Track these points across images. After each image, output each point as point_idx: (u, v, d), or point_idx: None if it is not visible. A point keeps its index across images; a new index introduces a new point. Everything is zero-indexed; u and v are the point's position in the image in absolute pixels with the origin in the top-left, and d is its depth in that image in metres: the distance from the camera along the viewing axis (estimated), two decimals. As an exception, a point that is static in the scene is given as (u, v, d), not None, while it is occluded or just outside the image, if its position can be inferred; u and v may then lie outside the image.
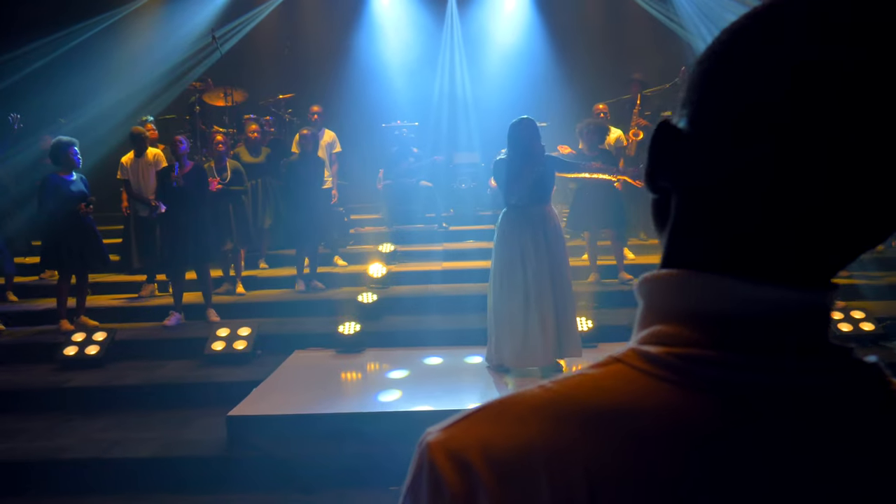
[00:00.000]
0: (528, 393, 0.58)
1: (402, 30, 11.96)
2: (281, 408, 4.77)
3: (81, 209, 6.79)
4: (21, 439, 4.91)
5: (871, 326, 6.16)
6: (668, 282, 0.60)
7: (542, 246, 5.26)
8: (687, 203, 0.61)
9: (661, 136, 0.61)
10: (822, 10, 0.54)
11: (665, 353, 0.57)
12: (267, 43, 11.62)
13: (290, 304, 7.63)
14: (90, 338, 6.27)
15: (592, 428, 0.54)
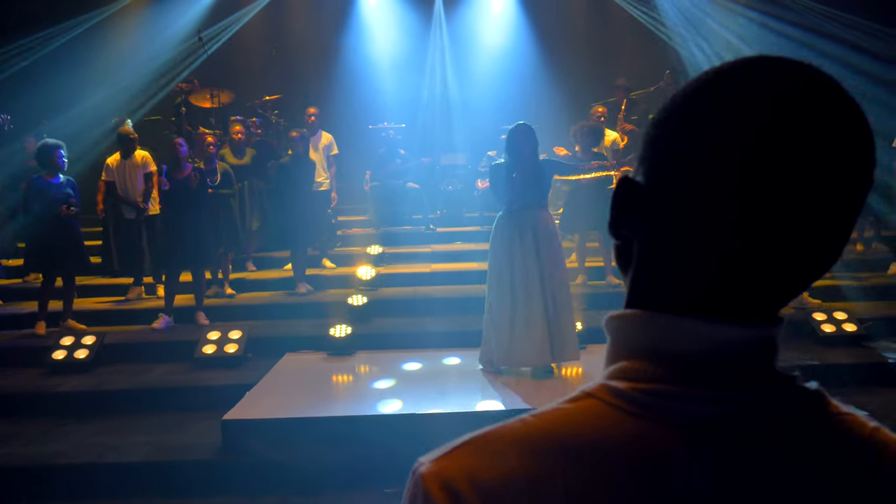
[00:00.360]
0: (508, 427, 0.64)
1: (389, 31, 11.98)
2: (275, 411, 4.79)
3: (63, 211, 6.75)
4: (15, 444, 4.89)
5: (854, 327, 6.28)
6: (632, 321, 0.67)
7: (532, 249, 5.32)
8: (646, 250, 0.68)
9: (622, 191, 0.68)
10: (763, 81, 0.63)
11: (631, 388, 0.63)
12: (254, 44, 11.60)
13: (280, 307, 7.63)
14: (79, 342, 6.24)
15: (568, 459, 0.61)
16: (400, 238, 9.98)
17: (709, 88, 0.65)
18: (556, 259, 5.42)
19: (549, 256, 5.36)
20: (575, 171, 6.02)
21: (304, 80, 11.20)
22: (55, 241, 6.79)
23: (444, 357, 6.08)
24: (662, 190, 0.66)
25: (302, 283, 8.05)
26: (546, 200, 5.63)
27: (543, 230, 5.37)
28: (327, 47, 11.81)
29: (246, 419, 4.66)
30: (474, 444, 0.64)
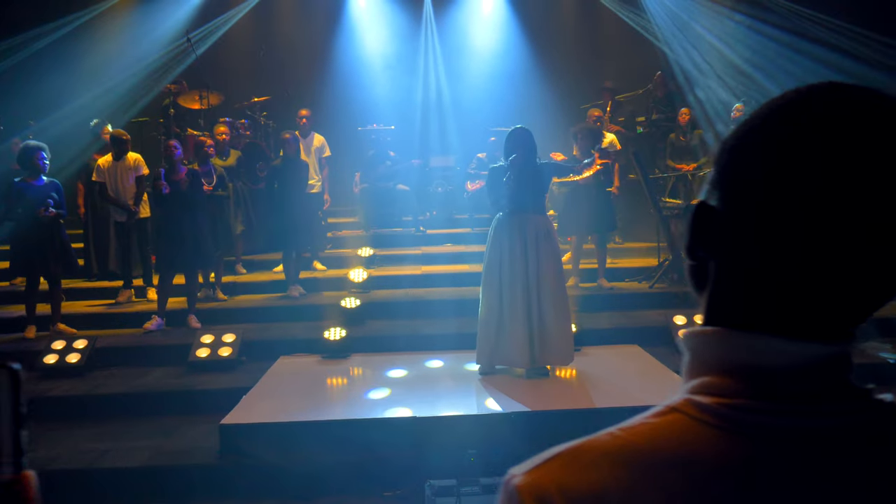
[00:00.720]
0: (597, 440, 0.67)
1: (379, 32, 11.97)
2: (274, 415, 4.77)
3: (40, 214, 6.67)
4: (7, 450, 4.83)
5: (847, 329, 6.34)
6: (711, 338, 0.70)
7: (523, 252, 5.35)
8: (723, 270, 0.72)
9: (698, 215, 0.72)
10: (839, 108, 0.66)
11: (716, 403, 0.67)
12: (242, 45, 11.55)
13: (272, 310, 7.62)
14: (71, 345, 6.19)
15: (658, 472, 0.64)
16: (390, 240, 9.98)
17: (785, 115, 0.68)
18: (550, 263, 5.43)
19: (543, 260, 5.37)
20: (571, 171, 6.03)
21: (292, 82, 11.15)
22: (38, 245, 6.72)
23: (439, 359, 6.09)
24: (739, 213, 0.69)
25: (294, 286, 8.02)
26: (543, 204, 5.66)
27: (539, 234, 5.40)
28: (316, 48, 11.79)
29: (244, 423, 4.65)
30: (565, 456, 0.66)
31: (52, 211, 6.65)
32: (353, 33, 11.93)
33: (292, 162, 8.12)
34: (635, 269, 8.52)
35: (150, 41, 10.57)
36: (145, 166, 8.03)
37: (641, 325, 6.91)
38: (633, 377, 5.55)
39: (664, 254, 8.30)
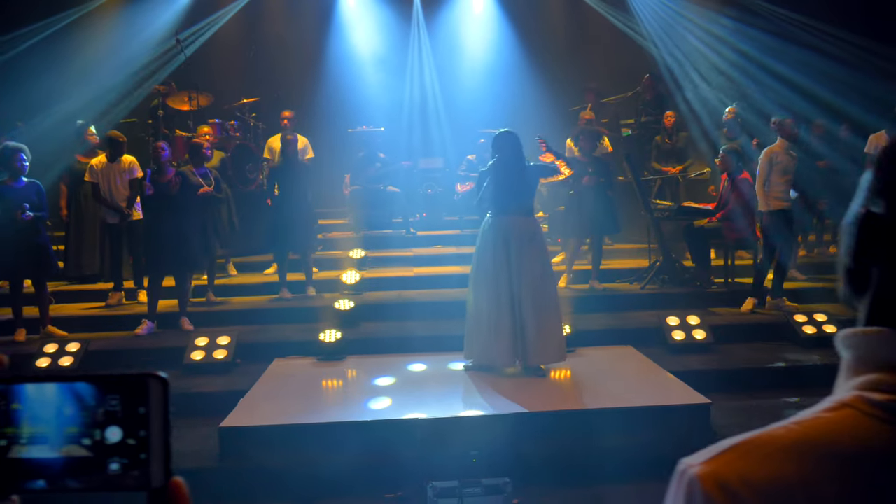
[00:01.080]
0: (773, 433, 0.70)
1: (369, 33, 11.98)
2: (273, 418, 4.77)
3: (17, 216, 6.60)
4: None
5: (834, 329, 6.43)
6: (879, 338, 0.73)
7: (507, 255, 5.43)
8: (889, 275, 0.74)
9: (865, 222, 0.76)
10: None
11: (888, 399, 0.69)
12: (231, 46, 11.51)
13: (264, 312, 7.59)
14: (63, 349, 6.14)
15: (834, 465, 0.67)
16: (381, 242, 9.98)
17: None
18: (536, 265, 5.47)
19: (528, 262, 5.43)
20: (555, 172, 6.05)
21: (282, 83, 11.14)
22: (16, 248, 6.63)
23: (434, 361, 6.10)
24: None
25: (284, 288, 8.01)
26: (530, 206, 5.70)
27: (523, 236, 5.46)
28: (306, 49, 11.79)
29: (243, 426, 4.64)
30: (742, 448, 0.69)
31: (28, 214, 6.55)
32: (342, 34, 11.94)
33: (292, 163, 8.09)
34: (627, 271, 8.58)
35: (139, 42, 10.53)
36: (140, 169, 7.99)
37: (634, 327, 6.96)
38: (629, 378, 5.59)
39: (654, 255, 8.36)
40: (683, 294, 7.70)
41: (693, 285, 7.91)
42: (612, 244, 9.73)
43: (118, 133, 8.11)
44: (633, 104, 10.90)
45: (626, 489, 4.37)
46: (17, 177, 6.70)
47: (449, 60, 12.03)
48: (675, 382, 5.31)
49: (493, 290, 5.42)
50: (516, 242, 5.42)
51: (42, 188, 6.88)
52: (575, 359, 6.15)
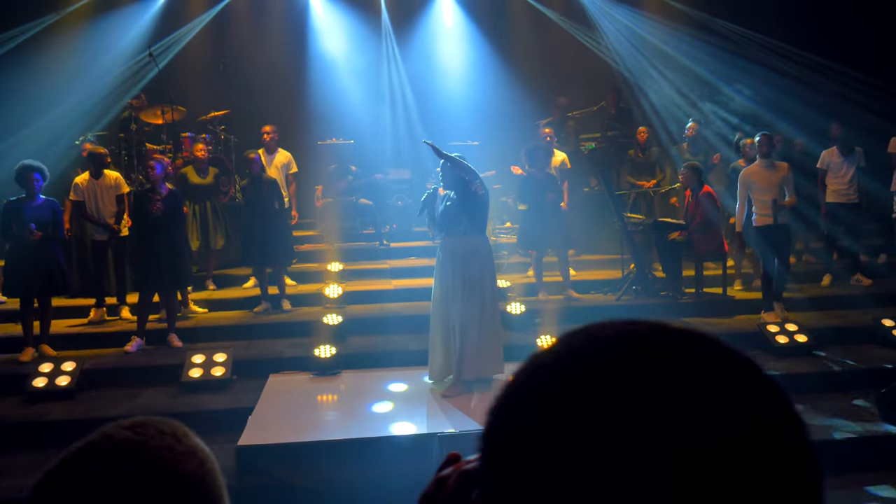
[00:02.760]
0: None
1: (339, 46, 12.04)
2: (288, 435, 4.89)
3: (26, 236, 6.56)
4: (11, 477, 4.81)
5: (805, 338, 6.83)
6: None
7: (450, 273, 5.76)
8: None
9: None
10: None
11: None
12: (200, 58, 11.46)
13: (250, 327, 7.63)
14: (59, 368, 6.13)
15: None
16: (354, 254, 10.08)
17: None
18: (475, 282, 5.72)
19: (470, 280, 5.70)
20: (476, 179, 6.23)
21: (251, 95, 11.15)
22: (29, 265, 6.63)
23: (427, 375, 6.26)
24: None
25: (265, 301, 8.09)
26: (475, 226, 5.82)
27: (466, 255, 5.74)
28: (275, 62, 11.81)
29: (260, 444, 4.75)
30: None
31: (36, 233, 6.53)
32: (312, 46, 11.99)
33: (258, 180, 8.18)
34: (600, 282, 8.88)
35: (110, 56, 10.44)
36: (125, 184, 7.97)
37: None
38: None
39: (626, 266, 8.70)
40: (657, 305, 8.04)
41: (665, 296, 8.26)
42: (580, 255, 10.05)
43: (100, 148, 8.08)
44: (598, 118, 11.27)
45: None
46: (33, 196, 6.67)
47: (420, 72, 12.18)
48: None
49: (441, 307, 5.81)
50: (461, 261, 5.72)
51: (58, 206, 6.90)
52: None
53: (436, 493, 0.65)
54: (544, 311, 7.77)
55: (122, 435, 0.86)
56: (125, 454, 0.83)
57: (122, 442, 0.85)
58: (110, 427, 0.88)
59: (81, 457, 0.84)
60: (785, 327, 6.95)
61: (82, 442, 0.86)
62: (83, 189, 7.70)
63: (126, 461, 0.82)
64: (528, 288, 8.51)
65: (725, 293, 8.33)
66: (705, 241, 8.14)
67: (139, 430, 0.86)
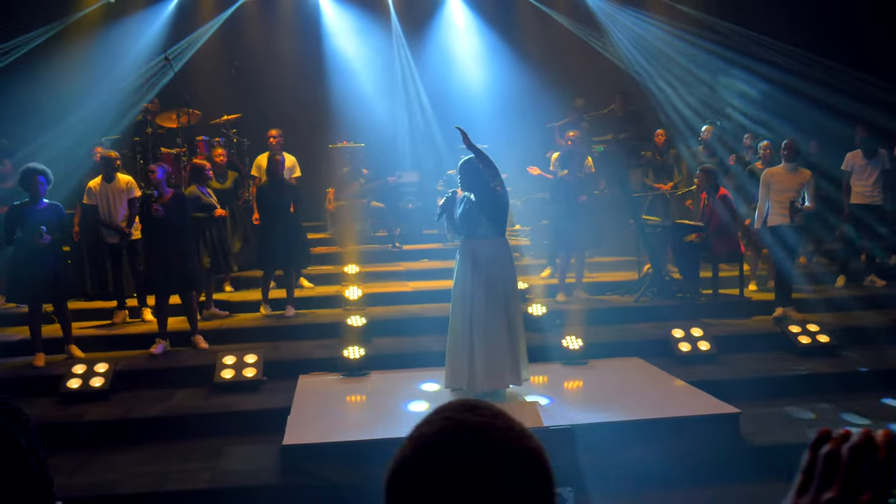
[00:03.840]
0: None
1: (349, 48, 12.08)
2: (331, 435, 4.93)
3: (35, 240, 6.52)
4: (58, 476, 4.83)
5: (827, 339, 6.92)
6: None
7: (470, 278, 5.57)
8: None
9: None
10: None
11: None
12: (213, 62, 11.48)
13: (273, 329, 7.65)
14: (92, 369, 6.15)
15: None
16: (367, 256, 10.09)
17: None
18: (497, 285, 5.55)
19: (492, 283, 5.53)
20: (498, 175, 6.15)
21: (263, 99, 11.18)
22: (33, 270, 6.59)
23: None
24: None
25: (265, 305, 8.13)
26: (496, 227, 5.69)
27: (488, 258, 5.58)
28: (286, 64, 11.85)
29: (305, 444, 4.79)
30: None
31: (46, 237, 6.48)
32: (322, 50, 12.02)
33: (278, 183, 8.20)
34: (614, 284, 8.95)
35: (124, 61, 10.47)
36: (137, 188, 8.01)
37: (635, 339, 7.28)
38: (652, 389, 5.93)
39: (647, 268, 8.80)
40: (675, 306, 8.10)
41: (682, 297, 8.33)
42: (592, 257, 10.12)
43: (112, 152, 8.10)
44: (608, 121, 11.36)
45: (671, 496, 4.69)
46: (37, 199, 6.66)
47: (431, 75, 12.23)
48: (697, 393, 5.68)
49: (458, 313, 5.62)
50: (483, 264, 5.56)
51: (62, 210, 6.86)
52: (591, 371, 6.50)
53: None
54: (566, 313, 7.83)
55: (469, 419, 0.92)
56: (483, 436, 0.90)
57: (474, 425, 0.91)
58: (449, 412, 0.94)
59: (442, 442, 0.90)
60: (806, 328, 7.04)
61: (429, 429, 0.93)
62: (96, 193, 7.72)
63: (487, 442, 0.90)
64: (544, 289, 8.59)
65: (742, 294, 8.43)
66: (722, 242, 8.24)
67: (479, 413, 0.92)
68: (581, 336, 6.90)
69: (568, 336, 6.90)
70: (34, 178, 6.63)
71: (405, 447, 0.93)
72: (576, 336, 6.89)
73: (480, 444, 0.89)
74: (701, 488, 4.74)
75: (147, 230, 7.13)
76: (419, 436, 0.92)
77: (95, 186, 7.77)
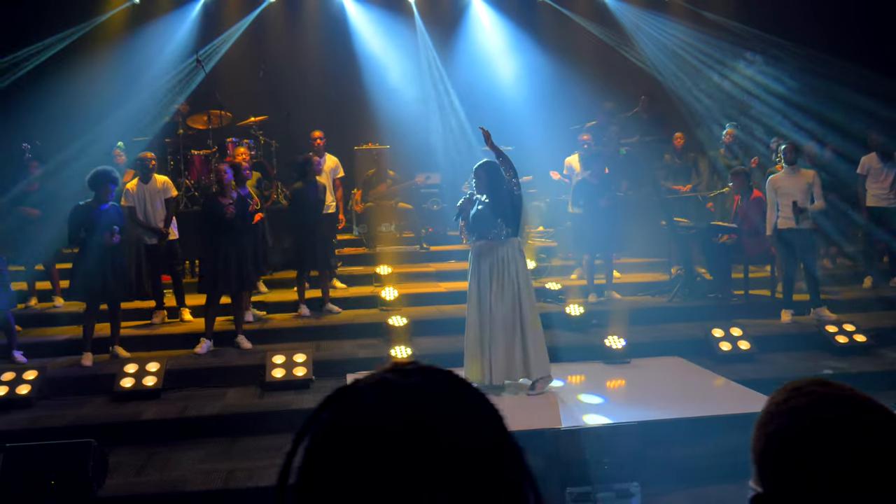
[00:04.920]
0: None
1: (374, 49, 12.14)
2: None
3: (106, 240, 6.67)
4: (125, 473, 4.90)
5: (864, 338, 7.01)
6: None
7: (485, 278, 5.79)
8: None
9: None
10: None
11: None
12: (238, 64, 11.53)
13: (313, 329, 7.69)
14: (144, 368, 6.22)
15: None
16: (396, 258, 10.15)
17: None
18: (509, 286, 5.77)
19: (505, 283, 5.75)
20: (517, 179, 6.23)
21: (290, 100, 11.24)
22: (102, 271, 6.69)
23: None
24: None
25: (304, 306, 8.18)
26: (510, 230, 5.89)
27: (500, 259, 5.79)
28: (313, 66, 11.90)
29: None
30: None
31: (117, 237, 6.63)
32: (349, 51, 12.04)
33: (314, 184, 8.26)
34: (644, 284, 9.03)
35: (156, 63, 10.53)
36: (174, 188, 8.07)
37: (672, 339, 7.35)
38: (702, 387, 6.02)
39: (675, 269, 8.89)
40: (708, 306, 8.18)
41: (715, 298, 8.41)
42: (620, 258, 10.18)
43: (148, 153, 8.15)
44: (632, 123, 11.43)
45: (727, 490, 4.77)
46: (104, 201, 6.75)
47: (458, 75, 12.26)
48: (745, 391, 5.77)
49: (474, 312, 5.87)
50: (496, 265, 5.77)
51: (122, 211, 6.96)
52: (635, 370, 6.58)
53: None
54: (602, 314, 7.91)
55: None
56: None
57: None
58: None
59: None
60: (843, 327, 7.13)
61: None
62: (133, 194, 7.78)
63: None
64: (573, 290, 8.67)
65: (773, 295, 8.51)
66: (754, 244, 8.33)
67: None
68: (624, 335, 6.99)
69: (610, 336, 6.98)
70: (108, 181, 6.72)
71: None
72: (617, 336, 6.97)
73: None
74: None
75: (208, 230, 7.18)
76: None
77: (133, 188, 7.83)
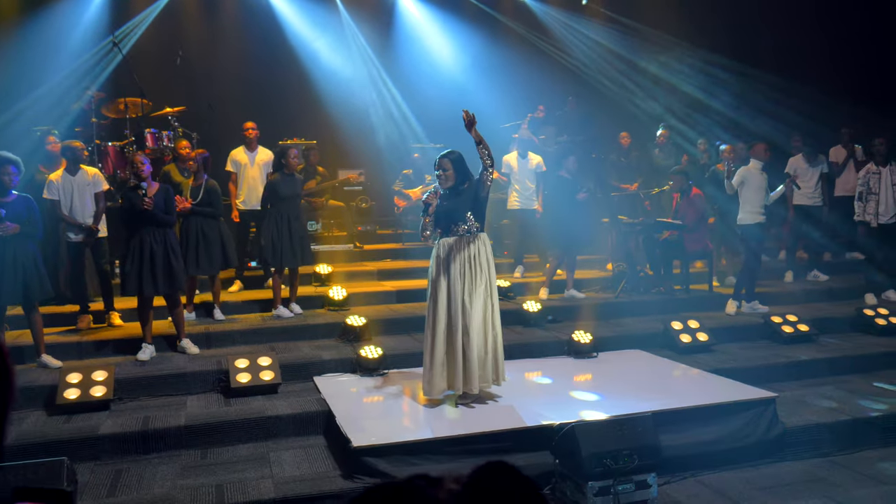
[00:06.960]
0: None
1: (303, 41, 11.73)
2: (393, 435, 4.73)
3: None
4: (97, 494, 4.39)
5: (807, 328, 7.37)
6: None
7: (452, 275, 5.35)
8: None
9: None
10: None
11: None
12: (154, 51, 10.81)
13: (262, 331, 7.22)
14: (89, 378, 5.61)
15: None
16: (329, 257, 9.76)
17: None
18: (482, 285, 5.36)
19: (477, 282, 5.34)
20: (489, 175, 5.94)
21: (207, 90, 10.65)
22: (9, 268, 6.00)
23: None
24: None
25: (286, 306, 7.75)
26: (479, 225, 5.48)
27: (471, 258, 5.37)
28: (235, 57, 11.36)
29: (369, 445, 4.57)
30: None
31: (10, 225, 5.92)
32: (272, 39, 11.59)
33: (291, 177, 7.74)
34: (588, 280, 9.09)
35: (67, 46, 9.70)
36: (105, 181, 7.42)
37: (628, 332, 7.43)
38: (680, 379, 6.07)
39: (611, 265, 9.04)
40: (655, 301, 8.33)
41: (657, 292, 8.58)
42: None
43: (77, 142, 7.45)
44: (561, 122, 11.55)
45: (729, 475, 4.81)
46: (6, 191, 6.03)
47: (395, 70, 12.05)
48: (722, 380, 5.86)
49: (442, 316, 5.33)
50: (467, 261, 5.36)
51: (34, 203, 6.21)
52: (602, 364, 6.58)
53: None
54: (557, 309, 7.89)
55: None
56: None
57: None
58: None
59: None
60: (787, 318, 7.43)
61: None
62: (59, 187, 7.09)
63: None
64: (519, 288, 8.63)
65: (712, 289, 8.77)
66: (694, 240, 8.55)
67: None
68: (588, 330, 6.98)
69: (577, 331, 6.95)
70: (6, 169, 6.01)
71: None
72: (584, 331, 6.95)
73: None
74: (754, 468, 4.92)
75: (129, 226, 6.55)
76: None
77: (57, 179, 7.12)
